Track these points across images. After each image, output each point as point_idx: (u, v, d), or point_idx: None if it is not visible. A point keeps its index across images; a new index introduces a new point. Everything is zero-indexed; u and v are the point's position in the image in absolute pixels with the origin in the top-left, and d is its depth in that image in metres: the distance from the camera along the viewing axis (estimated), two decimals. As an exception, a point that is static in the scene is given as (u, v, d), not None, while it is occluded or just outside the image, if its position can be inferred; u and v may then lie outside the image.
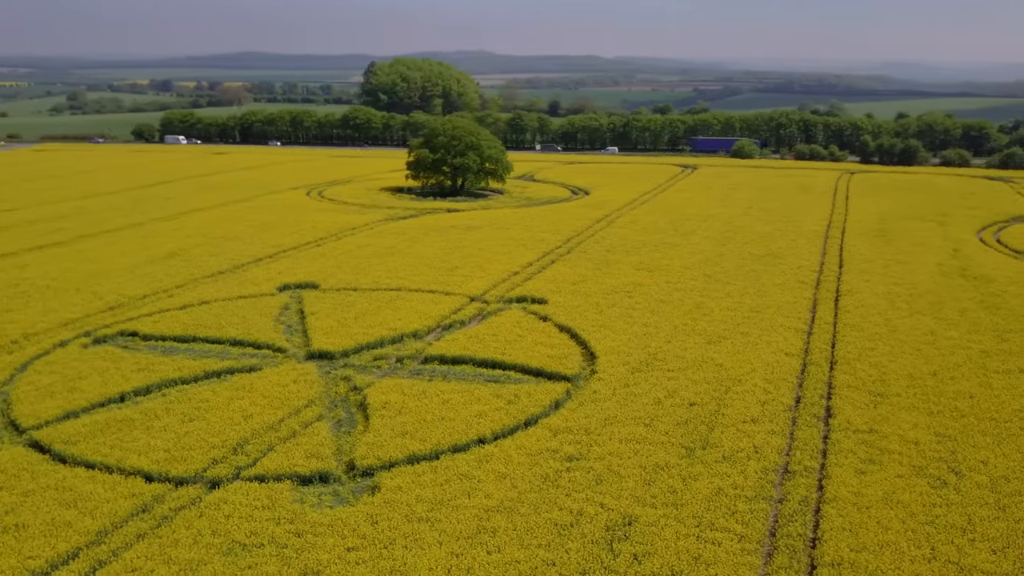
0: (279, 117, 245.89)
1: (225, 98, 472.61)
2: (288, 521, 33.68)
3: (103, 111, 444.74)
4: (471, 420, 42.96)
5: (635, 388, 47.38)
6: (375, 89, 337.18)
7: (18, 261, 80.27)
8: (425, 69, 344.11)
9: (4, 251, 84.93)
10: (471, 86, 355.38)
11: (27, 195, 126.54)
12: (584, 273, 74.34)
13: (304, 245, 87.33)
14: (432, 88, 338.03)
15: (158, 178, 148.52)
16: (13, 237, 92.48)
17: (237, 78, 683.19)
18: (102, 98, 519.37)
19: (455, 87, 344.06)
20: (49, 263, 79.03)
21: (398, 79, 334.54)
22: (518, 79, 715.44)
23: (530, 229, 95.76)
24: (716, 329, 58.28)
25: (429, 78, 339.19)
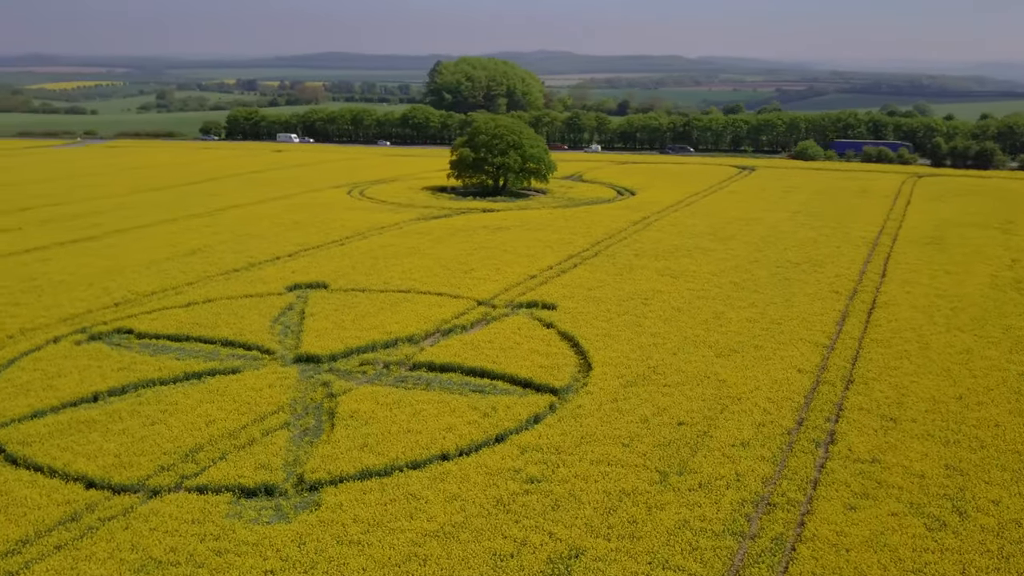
0: (340, 116, 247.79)
1: (303, 97, 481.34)
2: (213, 538, 31.72)
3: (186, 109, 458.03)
4: (438, 434, 40.47)
5: (623, 404, 44.18)
6: (439, 88, 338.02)
7: (44, 255, 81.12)
8: (490, 68, 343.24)
9: (36, 245, 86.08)
10: (536, 85, 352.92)
11: (77, 190, 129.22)
12: (603, 278, 71.09)
13: (328, 244, 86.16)
14: (496, 87, 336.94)
15: (210, 175, 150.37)
16: (48, 231, 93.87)
17: (319, 78, 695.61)
18: (189, 97, 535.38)
19: (519, 86, 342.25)
20: (72, 258, 79.60)
21: (462, 78, 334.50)
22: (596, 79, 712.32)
23: (560, 231, 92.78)
24: (728, 341, 54.49)
25: (494, 77, 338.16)
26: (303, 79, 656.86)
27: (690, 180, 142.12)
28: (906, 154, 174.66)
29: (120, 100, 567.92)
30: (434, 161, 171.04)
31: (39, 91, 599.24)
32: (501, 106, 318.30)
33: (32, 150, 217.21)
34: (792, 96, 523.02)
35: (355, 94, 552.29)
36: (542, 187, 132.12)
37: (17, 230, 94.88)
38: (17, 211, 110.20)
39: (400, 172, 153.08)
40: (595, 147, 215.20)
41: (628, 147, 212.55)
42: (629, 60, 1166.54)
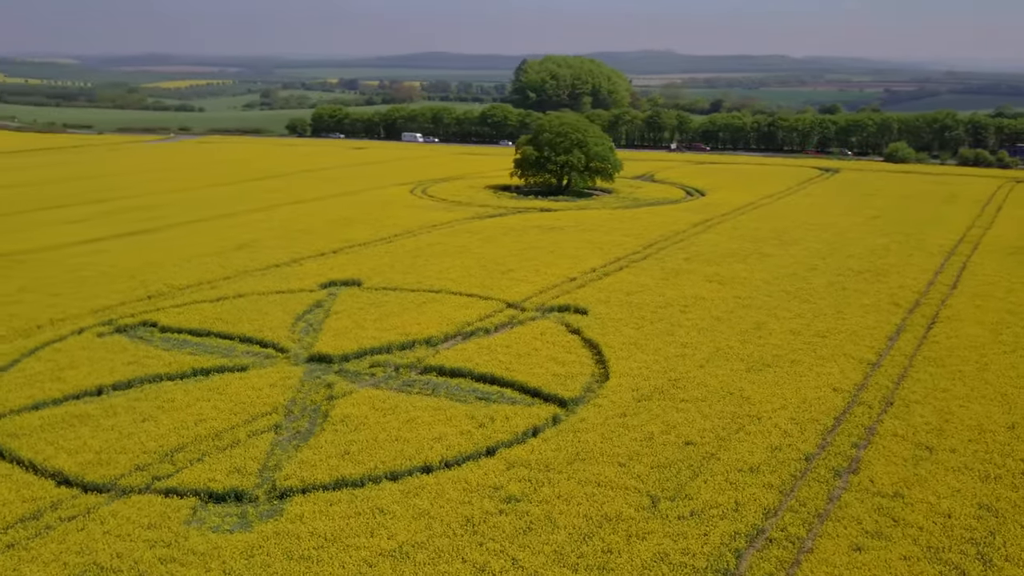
0: (420, 114, 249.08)
1: (397, 96, 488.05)
2: (164, 545, 30.44)
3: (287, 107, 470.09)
4: (426, 444, 38.42)
5: (632, 419, 41.21)
6: (524, 87, 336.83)
7: (99, 247, 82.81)
8: (575, 66, 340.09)
9: (94, 236, 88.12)
10: (622, 84, 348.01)
11: (151, 183, 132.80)
12: (646, 282, 67.79)
13: (375, 241, 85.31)
14: (582, 86, 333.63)
15: (281, 170, 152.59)
16: (111, 223, 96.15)
17: (418, 77, 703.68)
18: (291, 95, 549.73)
19: (605, 85, 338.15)
20: (124, 250, 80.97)
21: (547, 77, 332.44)
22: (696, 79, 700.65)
23: (614, 232, 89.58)
24: (764, 354, 50.69)
25: (579, 76, 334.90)
26: (402, 79, 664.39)
27: (766, 182, 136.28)
28: (1006, 157, 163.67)
29: (228, 98, 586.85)
30: (505, 160, 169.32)
31: (154, 89, 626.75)
32: (586, 104, 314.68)
33: (126, 144, 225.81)
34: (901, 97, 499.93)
35: (451, 93, 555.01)
36: (608, 187, 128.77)
37: (82, 222, 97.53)
38: (91, 203, 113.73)
39: (467, 171, 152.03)
40: (673, 146, 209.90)
41: (711, 147, 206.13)
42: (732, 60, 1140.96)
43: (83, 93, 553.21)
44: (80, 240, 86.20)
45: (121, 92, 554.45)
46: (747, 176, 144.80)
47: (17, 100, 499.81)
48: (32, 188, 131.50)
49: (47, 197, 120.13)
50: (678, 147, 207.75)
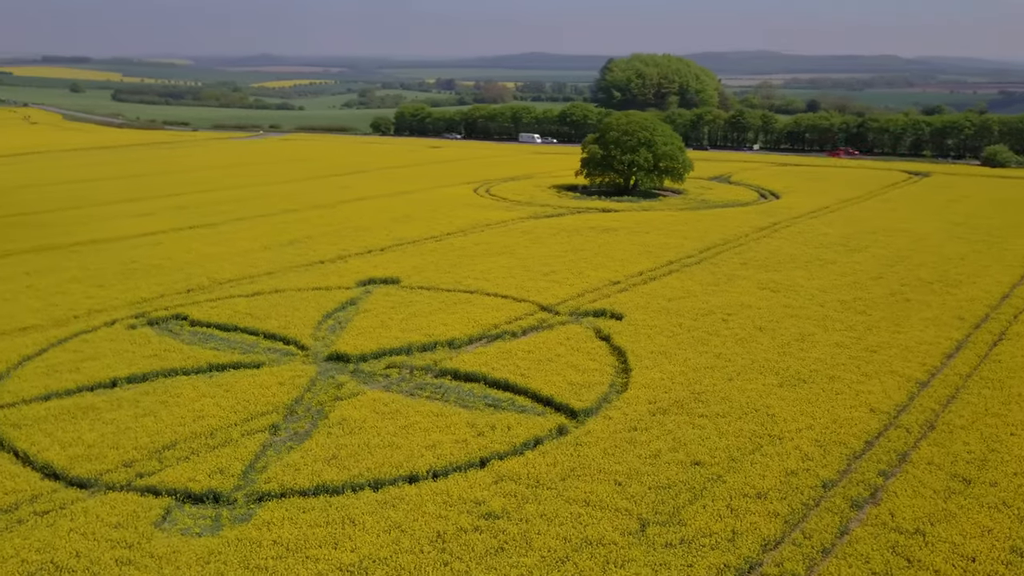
0: (500, 113, 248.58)
1: (488, 96, 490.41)
2: (125, 546, 29.73)
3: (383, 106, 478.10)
4: (418, 451, 36.84)
5: (641, 434, 38.69)
6: (609, 86, 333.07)
7: (156, 240, 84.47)
8: (662, 65, 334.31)
9: (155, 229, 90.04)
10: (710, 83, 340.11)
11: (226, 178, 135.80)
12: (693, 288, 64.65)
13: (425, 239, 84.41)
14: (668, 85, 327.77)
15: (355, 168, 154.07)
16: (175, 216, 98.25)
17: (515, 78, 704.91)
18: (387, 95, 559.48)
19: (693, 84, 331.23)
20: (179, 243, 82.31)
21: (633, 76, 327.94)
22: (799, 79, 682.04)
23: (672, 235, 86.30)
24: (802, 369, 47.22)
25: (666, 75, 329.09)
26: (498, 79, 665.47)
27: (846, 185, 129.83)
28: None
29: (328, 97, 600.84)
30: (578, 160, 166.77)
31: (260, 89, 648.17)
32: (671, 104, 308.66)
33: (213, 141, 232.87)
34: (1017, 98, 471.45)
35: (544, 93, 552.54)
36: (677, 187, 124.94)
37: (149, 215, 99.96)
38: (163, 196, 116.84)
39: (536, 170, 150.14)
40: (756, 147, 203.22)
41: (795, 148, 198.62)
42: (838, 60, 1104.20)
43: (191, 92, 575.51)
44: (140, 233, 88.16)
45: (226, 91, 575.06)
46: (828, 179, 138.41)
47: (131, 98, 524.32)
48: (112, 182, 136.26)
49: (124, 190, 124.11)
50: (760, 148, 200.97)
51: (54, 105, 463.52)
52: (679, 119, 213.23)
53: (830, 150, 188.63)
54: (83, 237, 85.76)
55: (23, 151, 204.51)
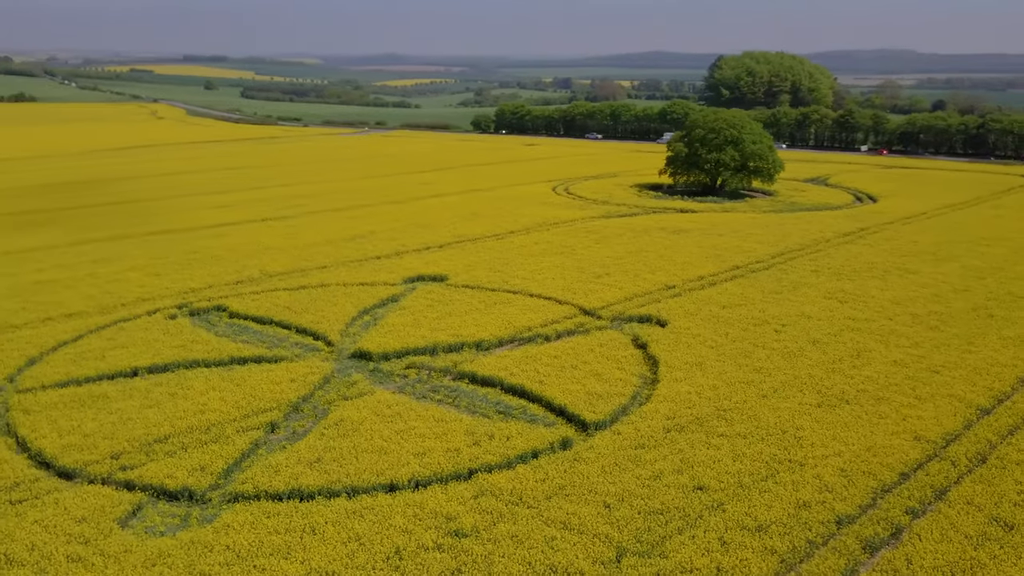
0: (599, 111, 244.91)
1: (601, 94, 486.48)
2: (81, 542, 29.19)
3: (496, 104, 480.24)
4: (406, 459, 35.13)
5: (648, 452, 35.80)
6: (717, 84, 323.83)
7: (225, 231, 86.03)
8: (774, 62, 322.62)
9: (228, 221, 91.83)
10: (825, 81, 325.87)
11: (317, 172, 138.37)
12: (753, 295, 60.63)
13: (487, 237, 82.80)
14: (780, 83, 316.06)
15: (441, 165, 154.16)
16: (252, 209, 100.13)
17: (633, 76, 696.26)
18: (503, 93, 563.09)
19: (806, 82, 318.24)
20: (246, 235, 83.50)
21: (743, 73, 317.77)
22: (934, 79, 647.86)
23: (747, 238, 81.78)
24: (848, 388, 43.06)
25: (777, 72, 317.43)
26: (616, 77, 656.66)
27: (954, 190, 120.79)
28: None
29: (446, 96, 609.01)
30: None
31: (381, 87, 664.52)
32: (783, 103, 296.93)
33: (319, 137, 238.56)
34: None
35: (661, 91, 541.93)
36: (768, 189, 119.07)
37: (230, 207, 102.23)
38: (249, 189, 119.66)
39: (625, 168, 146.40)
40: (864, 148, 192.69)
41: (907, 151, 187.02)
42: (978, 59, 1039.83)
43: (315, 90, 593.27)
44: (214, 224, 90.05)
45: (348, 89, 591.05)
46: (933, 183, 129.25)
47: (258, 95, 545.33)
48: (207, 174, 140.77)
49: (214, 182, 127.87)
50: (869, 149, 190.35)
51: (182, 101, 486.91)
52: (783, 118, 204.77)
53: (874, 150, 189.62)
54: (159, 227, 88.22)
55: (141, 144, 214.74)
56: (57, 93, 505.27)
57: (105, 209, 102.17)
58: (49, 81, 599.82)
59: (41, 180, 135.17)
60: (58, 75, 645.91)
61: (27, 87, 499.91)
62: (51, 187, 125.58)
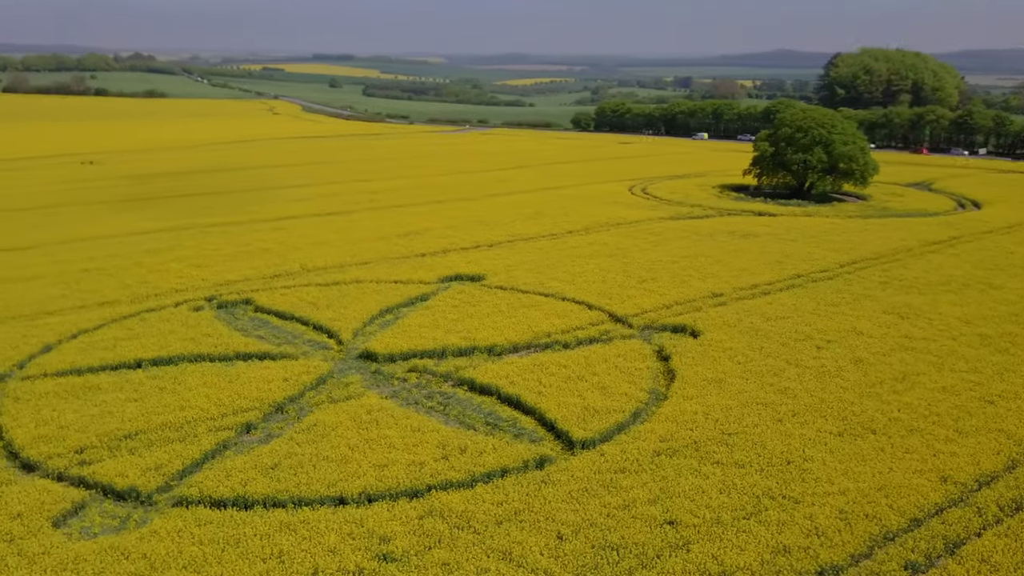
0: (700, 110, 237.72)
1: (717, 93, 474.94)
2: (6, 540, 28.47)
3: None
4: (364, 470, 33.09)
5: (628, 478, 32.57)
6: (832, 83, 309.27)
7: (283, 225, 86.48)
8: (894, 60, 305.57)
9: (291, 214, 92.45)
10: (950, 80, 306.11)
11: (398, 168, 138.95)
12: (804, 307, 55.85)
13: (541, 236, 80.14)
14: (899, 82, 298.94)
15: (524, 163, 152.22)
16: (320, 203, 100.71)
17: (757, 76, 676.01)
18: (619, 92, 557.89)
19: (929, 81, 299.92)
20: (301, 229, 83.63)
21: (860, 72, 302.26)
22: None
23: (820, 245, 76.12)
24: (879, 416, 38.42)
25: (897, 70, 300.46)
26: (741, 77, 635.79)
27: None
28: None
29: (563, 95, 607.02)
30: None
31: (501, 86, 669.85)
32: (903, 103, 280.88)
33: (419, 134, 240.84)
34: None
35: (783, 91, 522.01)
36: (862, 192, 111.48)
37: (300, 201, 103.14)
38: (327, 183, 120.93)
39: (713, 168, 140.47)
40: (983, 151, 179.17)
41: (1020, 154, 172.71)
42: None
43: (434, 88, 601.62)
44: (276, 216, 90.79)
45: (466, 88, 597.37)
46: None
47: (378, 93, 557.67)
48: (294, 168, 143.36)
49: (297, 175, 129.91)
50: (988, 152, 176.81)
51: (302, 98, 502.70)
52: (896, 119, 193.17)
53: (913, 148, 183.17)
54: (224, 218, 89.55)
55: (249, 138, 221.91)
56: (188, 90, 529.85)
57: (181, 200, 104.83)
58: (185, 79, 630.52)
59: (141, 170, 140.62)
60: (194, 73, 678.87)
61: (163, 84, 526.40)
62: (145, 177, 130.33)
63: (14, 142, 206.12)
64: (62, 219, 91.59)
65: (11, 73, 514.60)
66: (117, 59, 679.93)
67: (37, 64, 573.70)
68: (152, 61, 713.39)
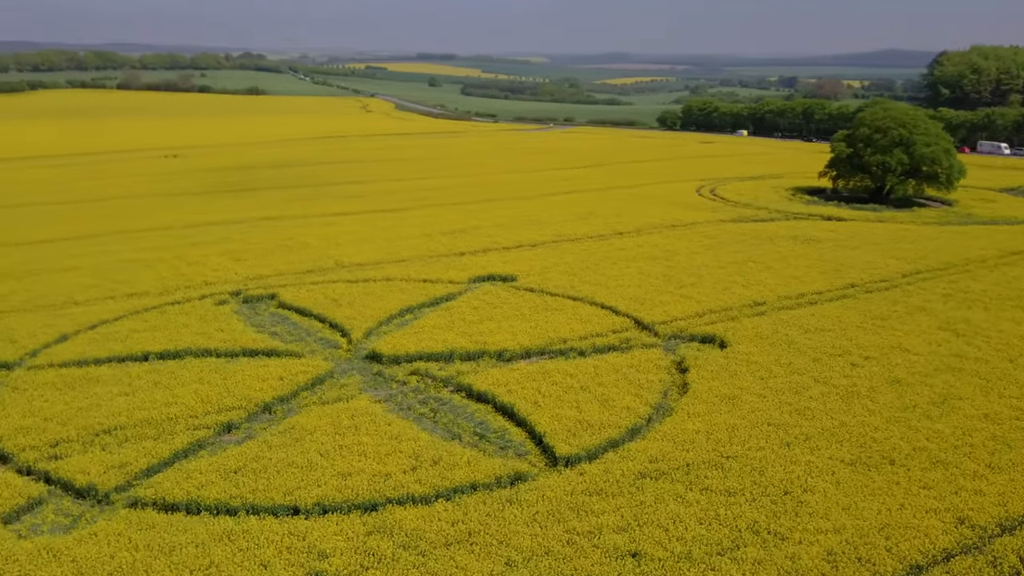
0: (789, 109, 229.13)
1: (820, 93, 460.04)
2: (-51, 534, 28.05)
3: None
4: (327, 479, 31.62)
5: (601, 502, 30.09)
6: (936, 82, 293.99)
7: (331, 220, 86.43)
8: (1004, 58, 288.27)
9: (341, 211, 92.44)
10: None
11: (459, 167, 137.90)
12: (849, 320, 51.79)
13: (587, 237, 77.49)
14: (1009, 81, 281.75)
15: (596, 161, 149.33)
16: (372, 200, 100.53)
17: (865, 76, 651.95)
18: (720, 92, 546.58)
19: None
20: (351, 225, 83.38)
21: (966, 70, 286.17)
22: None
23: (883, 253, 71.08)
24: (902, 446, 34.68)
25: (1008, 69, 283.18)
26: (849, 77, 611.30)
27: None
28: None
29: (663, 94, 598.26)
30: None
31: (601, 85, 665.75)
32: (1013, 103, 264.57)
33: (499, 132, 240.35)
34: None
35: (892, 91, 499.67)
36: (948, 197, 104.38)
37: (356, 197, 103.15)
38: (388, 180, 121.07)
39: (790, 169, 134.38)
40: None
41: None
42: None
43: (531, 87, 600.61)
44: (327, 212, 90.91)
45: (563, 87, 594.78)
46: None
47: (475, 92, 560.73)
48: (363, 164, 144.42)
49: (363, 171, 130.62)
50: None
51: (397, 96, 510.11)
52: (999, 119, 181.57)
53: None
54: (276, 212, 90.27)
55: (332, 134, 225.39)
56: (288, 87, 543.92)
57: (241, 195, 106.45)
58: (288, 76, 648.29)
59: (216, 165, 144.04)
60: (299, 71, 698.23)
61: (266, 82, 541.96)
62: (216, 171, 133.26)
63: (109, 136, 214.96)
64: (125, 211, 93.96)
65: (126, 71, 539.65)
66: (228, 58, 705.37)
67: (153, 63, 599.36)
68: (261, 60, 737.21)
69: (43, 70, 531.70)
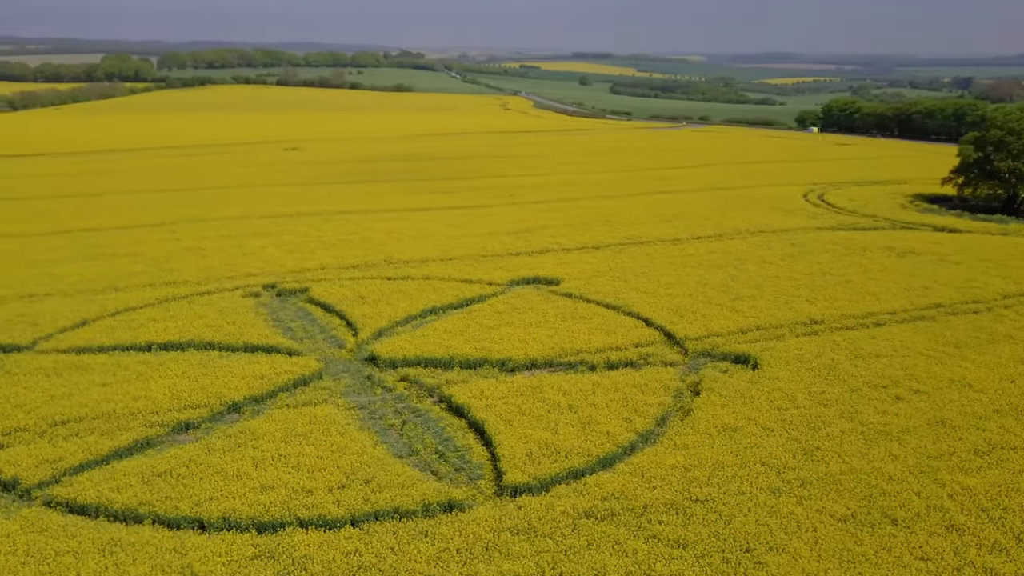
0: (939, 110, 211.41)
1: (994, 94, 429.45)
2: None
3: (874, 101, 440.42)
4: (246, 492, 29.69)
5: (528, 543, 26.59)
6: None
7: (407, 215, 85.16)
8: None
9: (414, 207, 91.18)
10: None
11: (567, 164, 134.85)
12: (914, 346, 45.31)
13: (658, 241, 72.61)
14: None
15: (706, 161, 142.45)
16: (459, 197, 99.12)
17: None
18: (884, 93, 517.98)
19: None
20: (421, 221, 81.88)
21: None
22: None
23: (986, 271, 62.56)
24: (913, 505, 29.18)
25: None
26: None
27: None
28: None
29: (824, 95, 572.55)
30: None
31: (758, 85, 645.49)
32: None
33: (624, 130, 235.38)
34: None
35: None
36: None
37: (437, 193, 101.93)
38: (485, 176, 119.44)
39: (917, 175, 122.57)
40: None
41: None
42: None
43: (683, 86, 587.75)
44: (406, 207, 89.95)
45: (716, 86, 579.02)
46: None
47: (624, 91, 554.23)
48: (471, 160, 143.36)
49: (469, 168, 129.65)
50: None
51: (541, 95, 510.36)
52: None
53: None
54: (356, 207, 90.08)
55: (459, 131, 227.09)
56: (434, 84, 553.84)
57: (336, 187, 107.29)
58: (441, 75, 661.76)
59: (330, 158, 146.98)
60: (453, 69, 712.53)
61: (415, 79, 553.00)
62: (326, 163, 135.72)
63: (249, 128, 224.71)
64: (221, 199, 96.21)
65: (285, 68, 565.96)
66: (387, 56, 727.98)
67: (316, 60, 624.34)
68: (419, 58, 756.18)
69: (216, 66, 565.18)
